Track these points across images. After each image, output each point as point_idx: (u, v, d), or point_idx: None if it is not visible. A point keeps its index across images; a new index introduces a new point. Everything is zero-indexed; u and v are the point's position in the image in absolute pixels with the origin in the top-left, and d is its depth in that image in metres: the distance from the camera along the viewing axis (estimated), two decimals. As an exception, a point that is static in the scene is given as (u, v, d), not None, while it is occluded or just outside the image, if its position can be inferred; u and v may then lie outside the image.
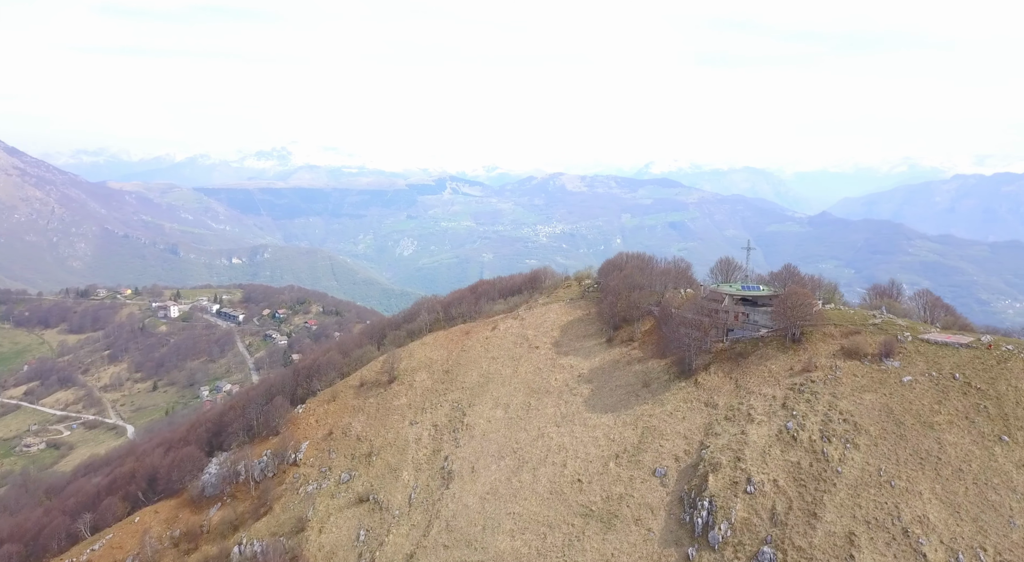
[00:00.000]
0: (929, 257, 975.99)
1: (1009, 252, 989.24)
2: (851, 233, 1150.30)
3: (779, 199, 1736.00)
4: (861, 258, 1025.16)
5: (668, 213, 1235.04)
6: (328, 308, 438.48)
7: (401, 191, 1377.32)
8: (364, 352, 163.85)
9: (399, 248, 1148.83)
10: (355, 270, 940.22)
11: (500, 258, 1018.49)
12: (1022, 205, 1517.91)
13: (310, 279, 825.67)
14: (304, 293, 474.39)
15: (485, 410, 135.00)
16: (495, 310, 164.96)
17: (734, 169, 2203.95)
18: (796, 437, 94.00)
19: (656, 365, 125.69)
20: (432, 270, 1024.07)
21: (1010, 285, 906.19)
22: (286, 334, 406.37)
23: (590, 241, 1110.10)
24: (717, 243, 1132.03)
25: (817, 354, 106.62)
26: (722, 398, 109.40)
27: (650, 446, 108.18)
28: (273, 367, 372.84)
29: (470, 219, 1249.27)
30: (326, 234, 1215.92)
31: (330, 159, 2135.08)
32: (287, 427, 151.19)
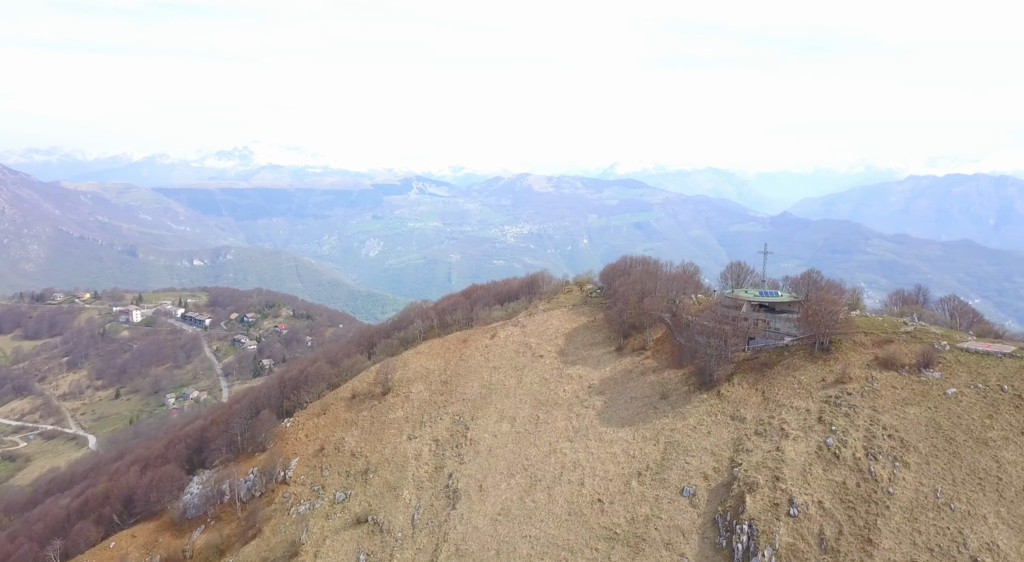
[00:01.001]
0: (886, 256, 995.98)
1: (961, 251, 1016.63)
2: (811, 233, 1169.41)
3: (742, 199, 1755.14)
4: (821, 257, 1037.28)
5: (633, 213, 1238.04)
6: (299, 311, 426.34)
7: (366, 191, 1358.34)
8: (354, 362, 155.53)
9: (365, 249, 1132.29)
10: (320, 271, 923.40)
11: (468, 259, 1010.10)
12: (972, 205, 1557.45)
13: (274, 281, 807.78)
14: (273, 296, 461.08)
15: (490, 424, 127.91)
16: (493, 317, 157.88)
17: (697, 170, 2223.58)
18: (838, 454, 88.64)
19: (673, 375, 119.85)
20: (399, 271, 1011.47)
21: (962, 283, 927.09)
22: (255, 339, 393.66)
23: (557, 241, 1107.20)
24: (682, 243, 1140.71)
25: (850, 364, 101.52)
26: (749, 411, 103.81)
27: (675, 463, 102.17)
28: (243, 373, 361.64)
29: (437, 219, 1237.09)
30: (290, 235, 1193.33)
31: (293, 159, 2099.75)
32: (275, 442, 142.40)
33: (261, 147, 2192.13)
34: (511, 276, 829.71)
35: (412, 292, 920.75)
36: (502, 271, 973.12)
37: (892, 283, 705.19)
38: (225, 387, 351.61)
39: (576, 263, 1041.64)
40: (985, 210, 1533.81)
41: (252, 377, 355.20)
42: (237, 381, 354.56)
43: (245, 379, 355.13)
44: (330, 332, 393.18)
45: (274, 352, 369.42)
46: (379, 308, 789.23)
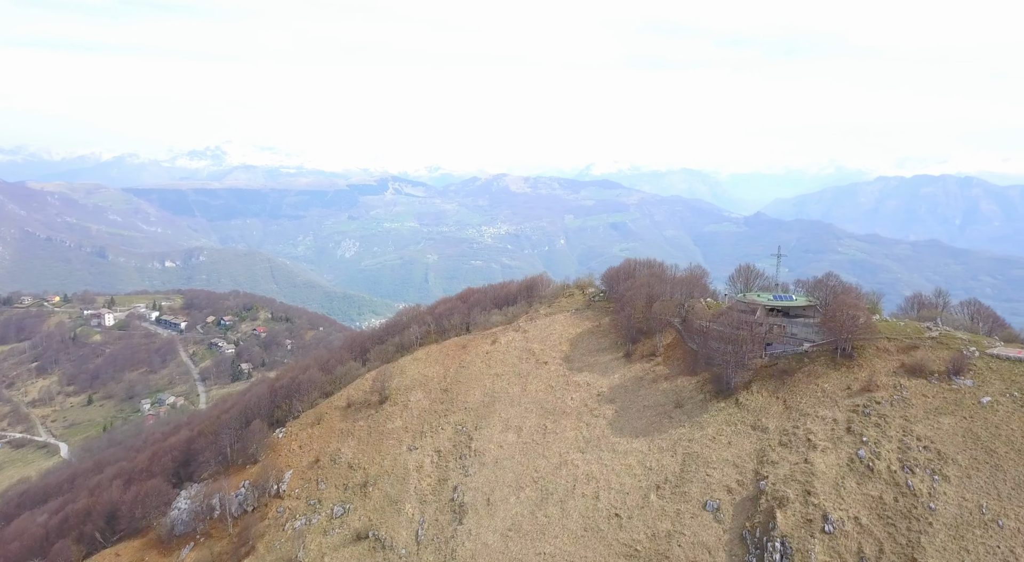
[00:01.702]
0: (857, 256, 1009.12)
1: (929, 251, 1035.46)
2: (784, 233, 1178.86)
3: (716, 200, 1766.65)
4: (794, 257, 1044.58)
5: (610, 214, 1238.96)
6: (277, 314, 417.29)
7: (342, 191, 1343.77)
8: (348, 369, 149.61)
9: (340, 249, 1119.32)
10: (295, 272, 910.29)
11: (445, 259, 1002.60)
12: (939, 206, 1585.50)
13: (248, 282, 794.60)
14: (251, 299, 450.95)
15: (494, 434, 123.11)
16: (492, 321, 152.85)
17: (672, 171, 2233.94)
18: (872, 467, 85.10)
19: (687, 383, 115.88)
20: (375, 271, 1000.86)
21: (931, 282, 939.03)
22: (233, 342, 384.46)
23: (535, 242, 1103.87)
24: (658, 243, 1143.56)
25: (876, 372, 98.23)
26: (772, 421, 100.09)
27: (695, 475, 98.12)
28: (221, 378, 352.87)
29: (413, 220, 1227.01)
30: (264, 236, 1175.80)
31: (267, 159, 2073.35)
32: (267, 454, 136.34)
33: (234, 147, 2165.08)
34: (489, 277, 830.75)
35: (389, 293, 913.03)
36: (480, 272, 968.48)
37: (863, 283, 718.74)
38: (203, 392, 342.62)
39: (553, 264, 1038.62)
40: (951, 210, 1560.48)
41: (231, 382, 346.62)
42: (215, 386, 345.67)
43: (223, 384, 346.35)
44: (310, 335, 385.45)
45: (253, 356, 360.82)
46: (355, 310, 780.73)
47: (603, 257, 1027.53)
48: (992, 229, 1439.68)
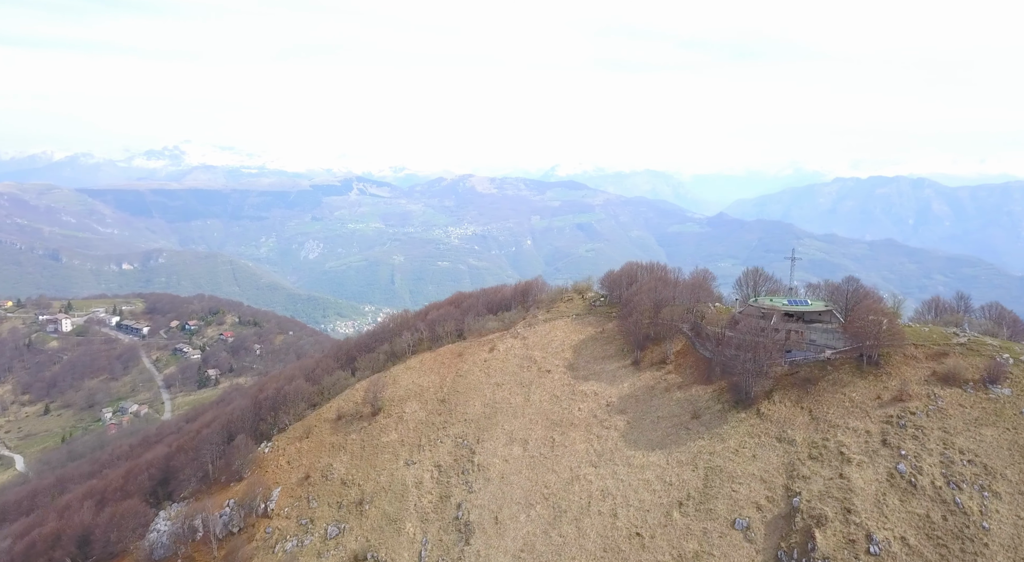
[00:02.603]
0: (817, 255, 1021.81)
1: (885, 250, 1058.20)
2: (746, 233, 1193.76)
3: (679, 201, 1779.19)
4: (756, 257, 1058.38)
5: (576, 215, 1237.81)
6: (245, 318, 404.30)
7: (305, 192, 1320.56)
8: (336, 379, 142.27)
9: (304, 251, 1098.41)
10: (258, 275, 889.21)
11: (411, 260, 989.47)
12: (893, 206, 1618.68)
13: (210, 285, 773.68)
14: (217, 302, 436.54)
15: (498, 447, 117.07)
16: (487, 328, 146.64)
17: (636, 172, 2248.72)
18: (915, 483, 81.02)
19: (702, 392, 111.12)
20: (340, 273, 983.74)
21: (886, 280, 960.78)
22: (199, 347, 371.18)
23: (502, 242, 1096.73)
24: (623, 244, 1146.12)
25: (907, 380, 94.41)
26: (798, 432, 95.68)
27: (720, 491, 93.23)
28: (187, 384, 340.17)
29: (379, 220, 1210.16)
30: (225, 237, 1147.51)
31: (227, 159, 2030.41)
32: (253, 471, 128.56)
33: (193, 147, 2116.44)
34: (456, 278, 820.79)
35: (354, 295, 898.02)
36: (447, 273, 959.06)
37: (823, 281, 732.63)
38: (168, 399, 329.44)
39: (521, 264, 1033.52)
40: (905, 211, 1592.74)
41: (197, 388, 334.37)
42: (181, 393, 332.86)
43: (189, 391, 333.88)
44: (280, 340, 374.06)
45: (220, 362, 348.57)
46: (320, 312, 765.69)
47: (570, 258, 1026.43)
48: (943, 229, 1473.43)
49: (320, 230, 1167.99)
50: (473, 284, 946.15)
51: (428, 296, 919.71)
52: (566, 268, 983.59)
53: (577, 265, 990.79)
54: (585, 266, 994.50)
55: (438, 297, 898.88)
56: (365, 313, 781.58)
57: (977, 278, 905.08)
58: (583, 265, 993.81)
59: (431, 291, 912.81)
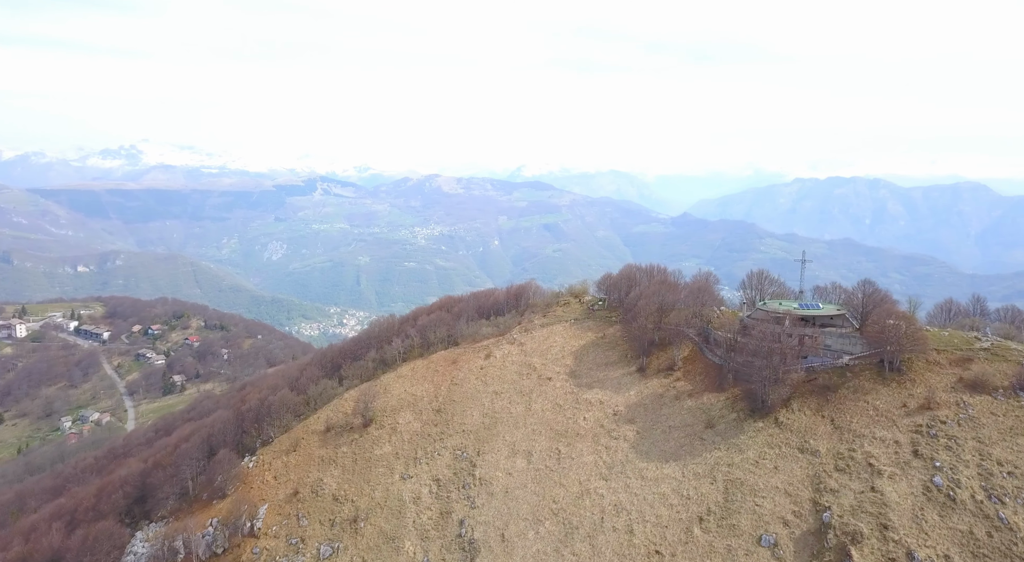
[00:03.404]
0: (778, 254, 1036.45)
1: (843, 249, 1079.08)
2: (709, 233, 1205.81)
3: (643, 201, 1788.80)
4: (720, 256, 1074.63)
5: (542, 215, 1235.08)
6: (211, 322, 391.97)
7: (268, 192, 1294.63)
8: (324, 388, 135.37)
9: (267, 252, 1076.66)
10: (220, 276, 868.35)
11: (377, 261, 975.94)
12: (850, 206, 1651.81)
13: (170, 287, 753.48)
14: (181, 306, 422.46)
15: (500, 459, 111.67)
16: (481, 333, 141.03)
17: (601, 172, 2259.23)
18: (953, 496, 77.65)
19: (714, 400, 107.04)
20: (304, 274, 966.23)
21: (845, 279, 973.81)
22: (163, 353, 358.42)
23: (469, 243, 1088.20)
24: (589, 244, 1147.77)
25: (933, 387, 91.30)
26: (821, 443, 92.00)
27: (743, 505, 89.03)
28: (151, 391, 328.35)
29: (343, 221, 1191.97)
30: (186, 238, 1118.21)
31: (187, 159, 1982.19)
32: (237, 487, 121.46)
33: (151, 146, 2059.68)
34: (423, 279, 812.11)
35: (319, 297, 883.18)
36: (414, 273, 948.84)
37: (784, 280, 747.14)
38: (131, 407, 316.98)
39: (488, 265, 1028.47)
40: (862, 211, 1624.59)
41: (162, 395, 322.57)
42: (145, 400, 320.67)
43: (154, 398, 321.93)
44: (248, 344, 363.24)
45: (186, 367, 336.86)
46: (285, 314, 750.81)
47: (537, 258, 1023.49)
48: (898, 228, 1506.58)
49: (284, 231, 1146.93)
50: (440, 285, 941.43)
51: (395, 297, 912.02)
52: (533, 268, 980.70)
53: (545, 265, 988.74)
54: (553, 266, 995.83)
55: (405, 298, 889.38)
56: (330, 315, 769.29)
57: (931, 276, 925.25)
58: (551, 265, 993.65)
59: (398, 292, 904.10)
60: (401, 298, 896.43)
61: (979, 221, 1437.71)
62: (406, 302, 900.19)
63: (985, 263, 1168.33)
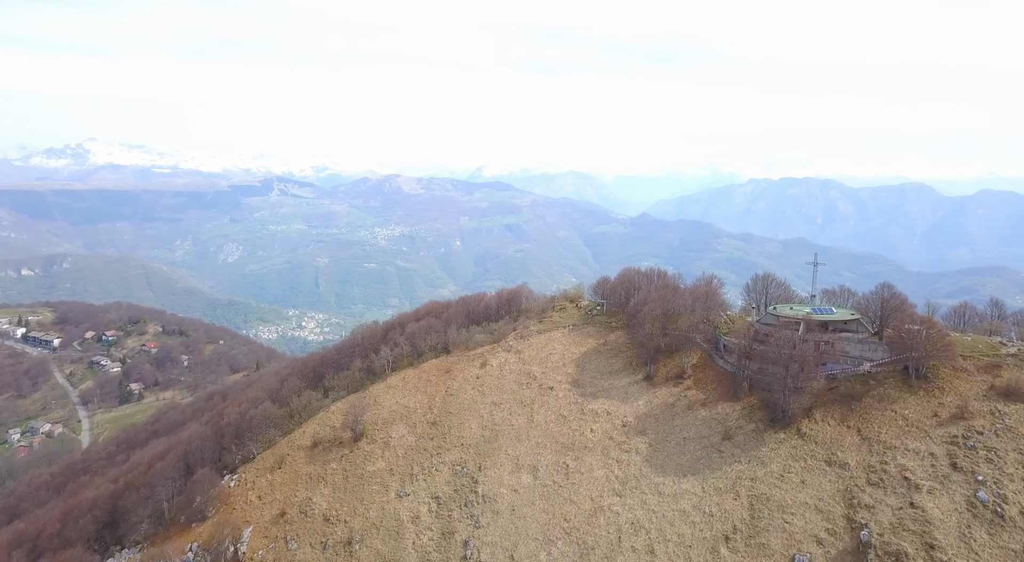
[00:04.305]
0: (734, 253, 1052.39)
1: (796, 248, 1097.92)
2: (668, 233, 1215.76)
3: (603, 202, 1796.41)
4: (678, 256, 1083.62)
5: (504, 215, 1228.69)
6: (169, 327, 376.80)
7: (223, 193, 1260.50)
8: (309, 400, 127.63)
9: (223, 254, 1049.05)
10: (174, 279, 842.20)
11: (337, 262, 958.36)
12: (803, 206, 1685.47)
13: (121, 291, 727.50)
14: (137, 311, 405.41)
15: (504, 475, 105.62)
16: (475, 340, 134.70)
17: (561, 173, 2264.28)
18: (1001, 513, 74.00)
19: (729, 409, 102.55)
20: (262, 276, 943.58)
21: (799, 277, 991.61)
22: (119, 360, 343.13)
23: (430, 243, 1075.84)
24: (551, 244, 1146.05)
25: (964, 396, 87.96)
26: (849, 455, 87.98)
27: (771, 523, 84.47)
28: (107, 400, 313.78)
29: (301, 222, 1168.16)
30: (137, 240, 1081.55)
31: (137, 158, 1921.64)
32: (218, 508, 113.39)
33: (99, 145, 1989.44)
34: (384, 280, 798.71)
35: (277, 299, 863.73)
36: (374, 275, 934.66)
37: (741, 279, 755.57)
38: (85, 417, 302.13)
39: (450, 265, 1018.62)
40: (814, 211, 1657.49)
41: (119, 404, 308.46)
42: (100, 410, 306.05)
43: (110, 407, 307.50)
44: (210, 350, 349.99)
45: (144, 375, 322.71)
46: (242, 317, 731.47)
47: (499, 258, 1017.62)
48: (848, 227, 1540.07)
49: (240, 232, 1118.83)
50: (402, 286, 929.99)
51: (355, 299, 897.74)
52: (496, 269, 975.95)
53: (507, 266, 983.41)
54: (515, 267, 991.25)
55: (366, 300, 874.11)
56: (289, 318, 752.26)
57: (879, 274, 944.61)
58: (513, 266, 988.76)
59: (358, 294, 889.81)
60: (361, 300, 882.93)
61: (924, 221, 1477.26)
62: (366, 304, 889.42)
63: (930, 261, 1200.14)
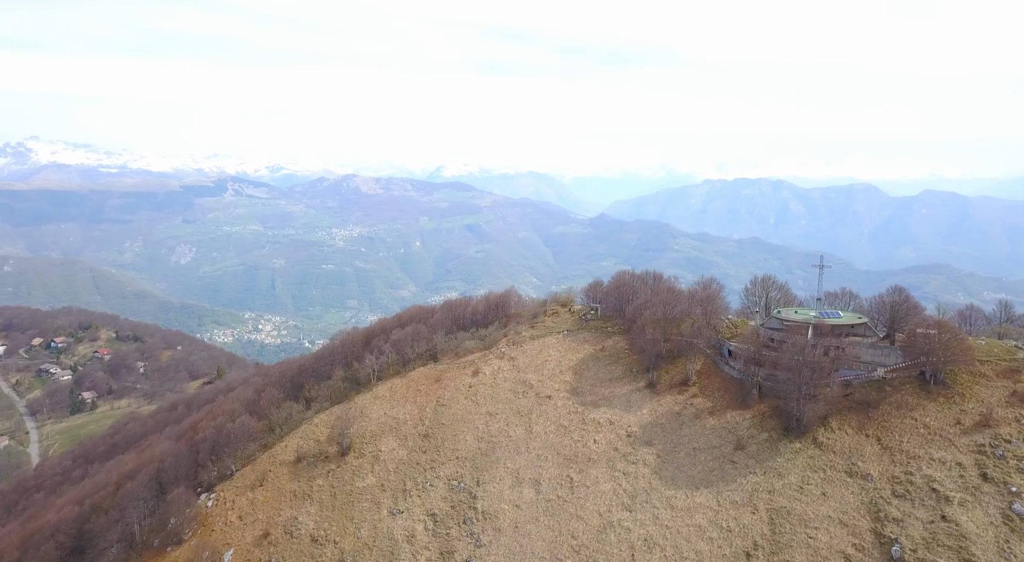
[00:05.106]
0: (691, 253, 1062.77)
1: (751, 247, 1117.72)
2: (626, 233, 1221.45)
3: (562, 202, 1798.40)
4: (636, 255, 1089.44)
5: (464, 216, 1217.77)
6: (123, 333, 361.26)
7: (175, 193, 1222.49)
8: (289, 412, 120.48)
9: (175, 256, 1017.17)
10: (124, 282, 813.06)
11: (294, 264, 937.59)
12: (757, 206, 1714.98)
13: (68, 294, 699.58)
14: (88, 316, 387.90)
15: (504, 490, 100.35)
16: (464, 347, 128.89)
17: (520, 174, 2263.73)
18: (1039, 524, 71.49)
19: (739, 418, 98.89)
20: (216, 279, 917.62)
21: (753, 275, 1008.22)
22: (70, 367, 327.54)
23: (390, 244, 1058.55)
24: (511, 245, 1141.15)
25: (986, 402, 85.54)
26: (871, 465, 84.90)
27: (794, 538, 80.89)
28: (58, 410, 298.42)
29: (257, 223, 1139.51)
30: (84, 242, 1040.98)
31: (82, 157, 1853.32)
32: (195, 530, 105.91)
33: (41, 144, 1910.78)
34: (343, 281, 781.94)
35: (232, 302, 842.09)
36: (333, 276, 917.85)
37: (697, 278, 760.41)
38: (34, 428, 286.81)
39: (411, 266, 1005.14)
40: (767, 210, 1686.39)
41: (70, 414, 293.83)
42: (50, 420, 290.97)
43: (60, 417, 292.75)
44: (167, 356, 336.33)
45: (97, 383, 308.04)
46: (195, 321, 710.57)
47: (460, 259, 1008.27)
48: (800, 227, 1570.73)
49: (192, 233, 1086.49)
50: (361, 288, 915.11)
51: (312, 301, 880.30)
52: (457, 269, 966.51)
53: (468, 267, 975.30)
54: (476, 268, 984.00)
55: (324, 302, 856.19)
56: (245, 321, 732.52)
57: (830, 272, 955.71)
58: (474, 267, 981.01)
59: (316, 295, 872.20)
60: (319, 301, 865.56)
61: (871, 220, 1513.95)
62: (324, 305, 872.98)
63: (877, 259, 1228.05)
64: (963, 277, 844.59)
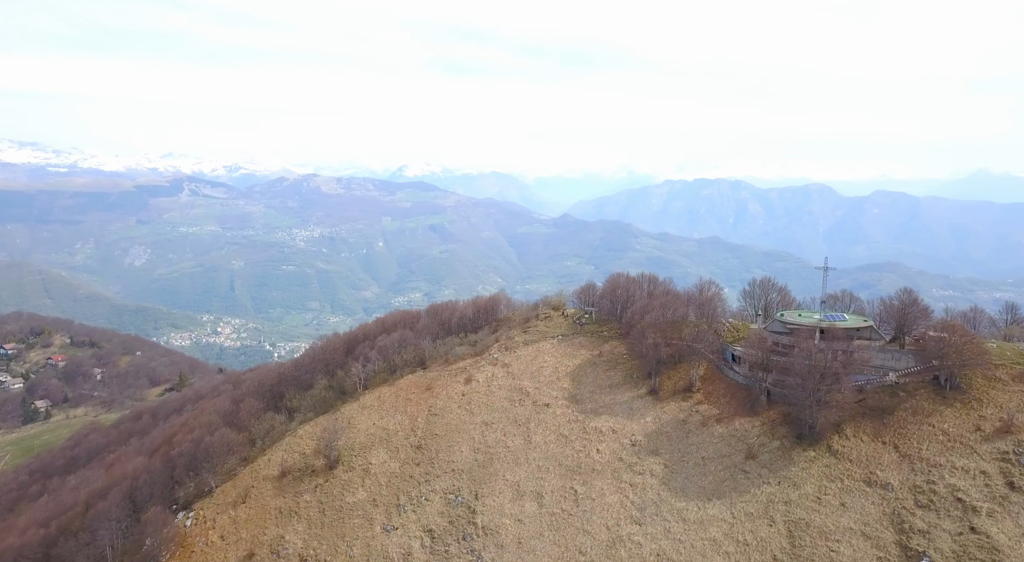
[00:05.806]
0: (653, 253, 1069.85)
1: (711, 246, 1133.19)
2: (589, 233, 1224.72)
3: (525, 202, 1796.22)
4: (599, 255, 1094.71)
5: (427, 216, 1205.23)
6: (78, 339, 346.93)
7: (128, 193, 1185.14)
8: (271, 424, 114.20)
9: (129, 257, 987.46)
10: (75, 285, 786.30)
11: (253, 265, 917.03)
12: (716, 207, 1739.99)
13: (15, 298, 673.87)
14: (40, 321, 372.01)
15: (505, 503, 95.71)
16: (455, 353, 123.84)
17: (483, 174, 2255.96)
18: (1073, 535, 69.41)
19: (748, 425, 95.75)
20: (173, 281, 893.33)
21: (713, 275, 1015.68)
22: (21, 375, 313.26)
23: (352, 245, 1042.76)
24: (476, 245, 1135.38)
25: (1006, 407, 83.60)
26: (891, 474, 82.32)
27: (815, 552, 77.86)
28: (9, 420, 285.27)
29: (215, 223, 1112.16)
30: (32, 244, 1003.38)
31: (29, 156, 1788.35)
32: (172, 552, 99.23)
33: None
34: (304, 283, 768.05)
35: (190, 304, 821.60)
36: (293, 278, 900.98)
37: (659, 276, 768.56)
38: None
39: (374, 267, 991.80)
40: (726, 210, 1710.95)
41: (22, 424, 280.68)
42: (0, 430, 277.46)
43: (12, 427, 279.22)
44: (126, 362, 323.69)
45: (51, 391, 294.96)
46: (151, 324, 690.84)
47: (425, 259, 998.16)
48: (758, 226, 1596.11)
49: (147, 234, 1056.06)
50: (323, 289, 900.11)
51: (273, 303, 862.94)
52: (422, 270, 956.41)
53: (432, 267, 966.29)
54: (441, 268, 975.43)
55: (284, 304, 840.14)
56: (203, 323, 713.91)
57: (788, 271, 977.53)
58: (439, 267, 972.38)
59: (276, 297, 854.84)
60: (280, 303, 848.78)
61: (826, 220, 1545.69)
62: (285, 307, 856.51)
63: (832, 258, 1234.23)
64: (913, 275, 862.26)
